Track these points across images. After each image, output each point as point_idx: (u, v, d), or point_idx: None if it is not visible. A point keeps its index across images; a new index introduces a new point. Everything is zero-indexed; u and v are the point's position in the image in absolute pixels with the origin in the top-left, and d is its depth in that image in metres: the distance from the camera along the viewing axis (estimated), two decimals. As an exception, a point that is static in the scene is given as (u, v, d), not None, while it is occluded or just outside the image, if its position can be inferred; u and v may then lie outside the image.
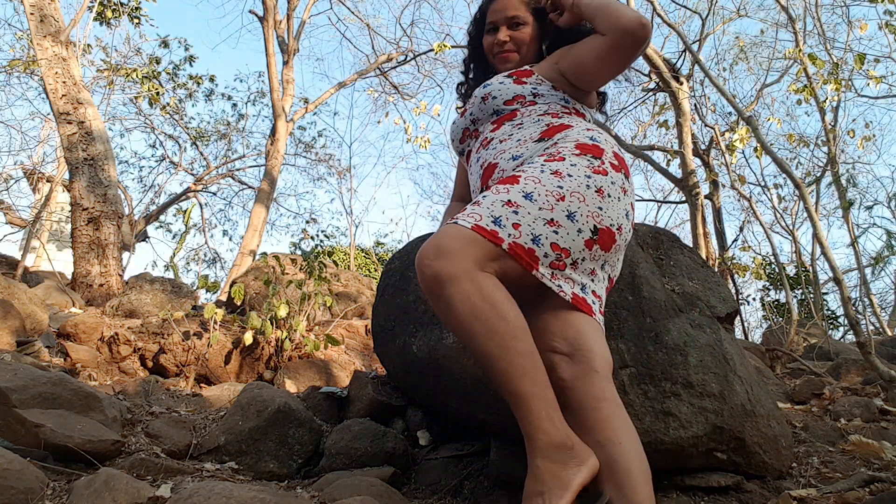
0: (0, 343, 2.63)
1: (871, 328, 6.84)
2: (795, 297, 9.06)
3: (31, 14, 5.39)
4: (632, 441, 1.09)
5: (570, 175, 1.23)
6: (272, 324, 3.05)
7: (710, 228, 6.86)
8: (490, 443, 1.60)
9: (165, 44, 10.82)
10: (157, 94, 9.83)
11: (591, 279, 1.25)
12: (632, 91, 8.84)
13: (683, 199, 8.01)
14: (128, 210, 10.00)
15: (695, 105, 7.22)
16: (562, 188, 1.20)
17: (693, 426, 1.43)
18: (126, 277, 5.51)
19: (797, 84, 4.50)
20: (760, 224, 5.10)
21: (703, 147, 7.85)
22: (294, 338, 3.13)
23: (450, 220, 1.18)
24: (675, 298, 1.66)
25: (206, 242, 13.47)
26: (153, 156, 12.97)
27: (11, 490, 1.16)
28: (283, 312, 3.08)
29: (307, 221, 14.31)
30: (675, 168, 7.67)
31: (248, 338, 2.96)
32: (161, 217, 12.74)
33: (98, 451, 1.49)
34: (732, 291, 4.53)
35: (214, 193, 13.66)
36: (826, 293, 8.96)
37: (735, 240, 7.10)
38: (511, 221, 1.14)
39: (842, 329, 9.28)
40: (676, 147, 6.98)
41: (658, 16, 4.77)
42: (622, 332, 1.52)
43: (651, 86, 7.96)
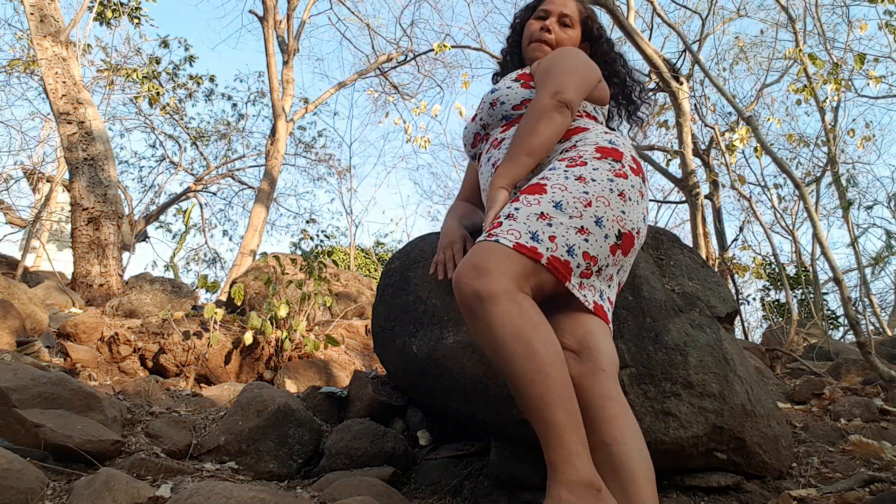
0: (0, 343, 2.63)
1: (871, 328, 6.85)
2: (795, 297, 9.06)
3: (31, 14, 5.39)
4: (637, 441, 1.09)
5: (594, 179, 1.24)
6: (272, 324, 3.05)
7: (710, 228, 6.85)
8: (490, 443, 1.60)
9: (165, 44, 10.81)
10: (157, 95, 9.80)
11: (608, 285, 1.27)
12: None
13: (683, 199, 8.01)
14: (128, 210, 10.00)
15: (695, 105, 7.22)
16: (587, 193, 1.22)
17: (693, 426, 1.43)
18: (126, 277, 5.50)
19: (797, 84, 4.51)
20: (760, 224, 5.10)
21: (703, 147, 7.85)
22: (294, 338, 3.13)
23: (482, 236, 1.18)
24: (675, 298, 1.66)
25: (206, 242, 13.45)
26: (153, 156, 12.96)
27: (11, 490, 1.16)
28: (283, 312, 3.08)
29: (307, 221, 14.29)
30: (675, 168, 7.65)
31: (248, 338, 2.96)
32: (161, 217, 12.73)
33: (98, 451, 1.49)
34: (732, 291, 4.53)
35: (214, 193, 13.66)
36: (826, 293, 8.97)
37: (735, 240, 7.09)
38: (547, 235, 1.15)
39: (842, 329, 9.28)
40: (676, 147, 6.97)
41: (658, 16, 4.77)
42: (622, 332, 1.52)
43: (651, 86, 7.95)
